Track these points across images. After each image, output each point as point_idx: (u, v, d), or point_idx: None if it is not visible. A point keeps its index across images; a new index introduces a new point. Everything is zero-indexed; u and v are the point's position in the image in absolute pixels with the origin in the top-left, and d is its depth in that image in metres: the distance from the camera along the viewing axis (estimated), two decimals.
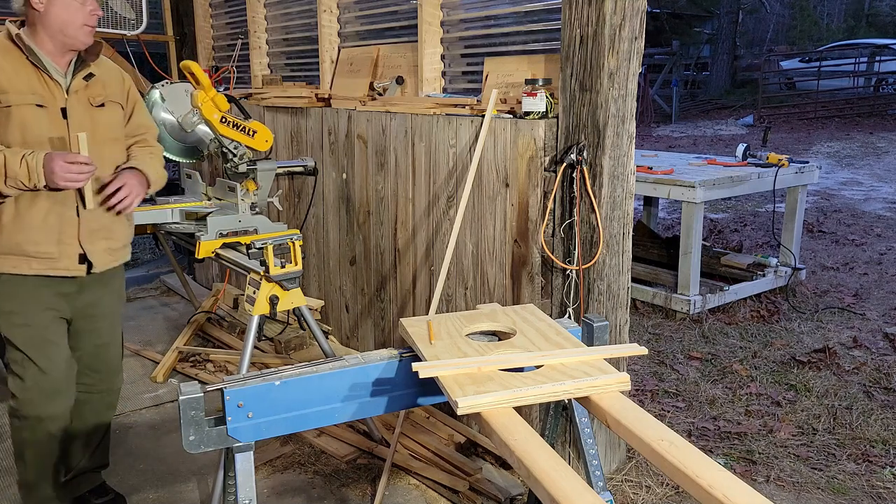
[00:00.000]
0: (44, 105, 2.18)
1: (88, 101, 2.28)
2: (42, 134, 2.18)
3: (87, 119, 2.27)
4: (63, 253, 2.25)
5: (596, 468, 1.90)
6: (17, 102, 2.13)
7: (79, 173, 2.11)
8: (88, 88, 2.29)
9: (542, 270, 2.78)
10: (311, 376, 1.66)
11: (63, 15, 2.15)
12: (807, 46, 24.20)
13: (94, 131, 2.27)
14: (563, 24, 2.57)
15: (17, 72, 2.16)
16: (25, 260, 2.22)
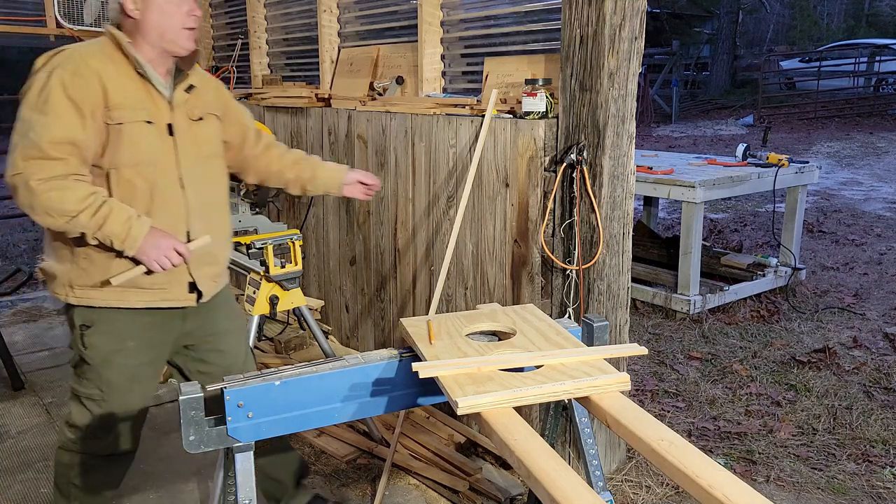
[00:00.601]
0: (152, 121, 1.99)
1: (188, 115, 2.09)
2: (153, 153, 1.99)
3: (190, 135, 2.08)
4: (173, 282, 2.07)
5: (596, 468, 1.90)
6: (130, 119, 1.94)
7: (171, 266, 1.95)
8: (188, 101, 2.09)
9: (542, 270, 2.78)
10: (311, 376, 1.66)
11: (160, 19, 1.95)
12: (807, 46, 24.20)
13: (197, 148, 2.09)
14: (563, 24, 2.57)
15: (126, 85, 1.96)
16: (134, 291, 2.03)
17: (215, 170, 2.20)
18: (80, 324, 2.07)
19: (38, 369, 4.08)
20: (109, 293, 2.01)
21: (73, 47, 1.95)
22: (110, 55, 1.97)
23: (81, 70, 1.89)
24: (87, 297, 2.03)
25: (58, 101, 1.85)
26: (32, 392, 3.78)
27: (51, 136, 1.83)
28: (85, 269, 2.00)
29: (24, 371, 3.99)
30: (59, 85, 1.86)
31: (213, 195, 2.17)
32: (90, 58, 1.92)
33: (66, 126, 1.85)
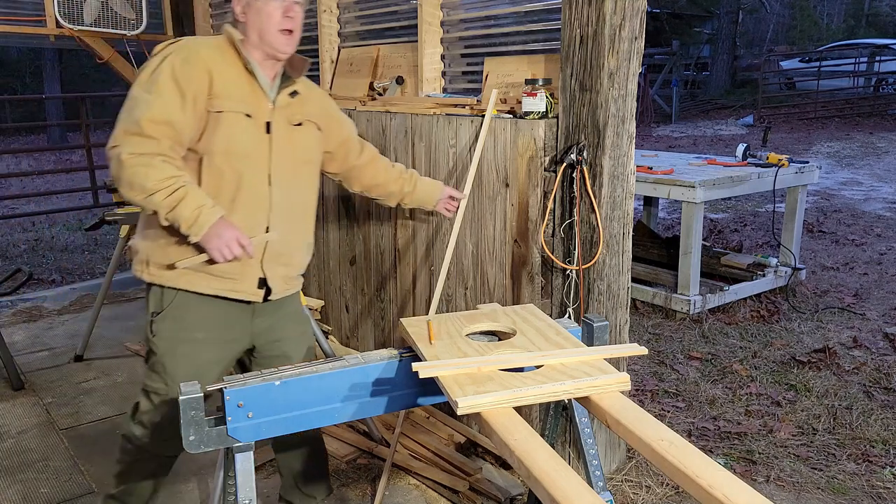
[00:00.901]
0: (252, 115, 2.04)
1: (288, 119, 2.13)
2: (247, 146, 2.03)
3: (287, 137, 2.12)
4: (244, 275, 2.08)
5: (596, 468, 1.90)
6: (230, 109, 2.00)
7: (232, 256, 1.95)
8: (290, 106, 2.15)
9: (542, 270, 2.78)
10: (311, 376, 1.66)
11: (257, 21, 2.02)
12: (807, 46, 24.20)
13: (291, 151, 2.13)
14: (563, 24, 2.57)
15: (234, 78, 2.03)
16: (204, 277, 2.05)
17: (307, 176, 2.23)
18: (151, 311, 2.10)
19: (38, 369, 4.08)
20: (180, 275, 2.04)
21: (190, 38, 2.06)
22: (223, 50, 2.05)
23: (191, 58, 1.97)
24: (160, 276, 2.06)
25: (164, 83, 1.92)
26: (32, 392, 3.78)
27: (151, 114, 1.89)
28: (163, 248, 2.04)
29: (24, 371, 3.99)
30: (169, 69, 1.94)
31: (299, 199, 2.20)
32: (202, 48, 2.01)
33: (167, 106, 1.91)
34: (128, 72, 5.01)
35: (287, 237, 2.16)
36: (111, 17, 4.77)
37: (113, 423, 3.44)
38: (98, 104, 22.34)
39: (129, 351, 4.33)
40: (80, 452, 3.17)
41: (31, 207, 9.33)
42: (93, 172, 7.50)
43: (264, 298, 2.15)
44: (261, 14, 2.02)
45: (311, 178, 2.26)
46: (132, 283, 5.68)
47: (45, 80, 19.67)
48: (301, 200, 2.21)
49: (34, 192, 9.54)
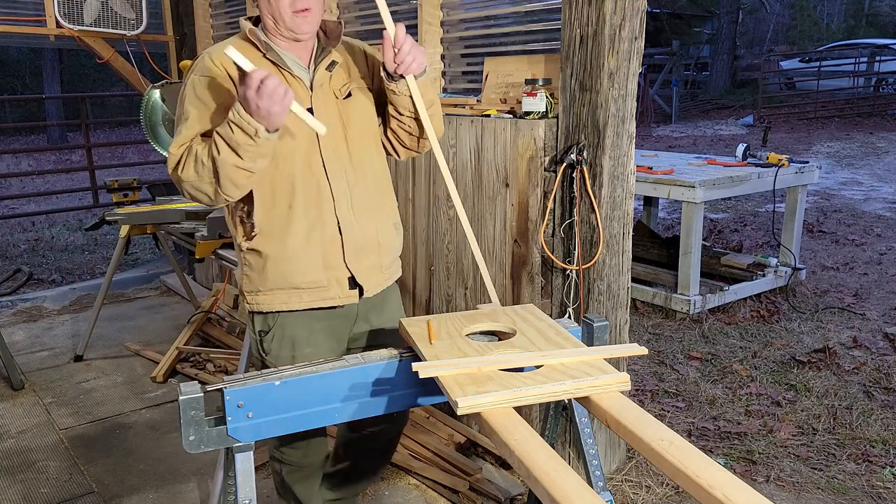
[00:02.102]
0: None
1: (334, 94, 1.96)
2: (290, 145, 1.90)
3: (335, 116, 1.95)
4: (331, 279, 1.98)
5: (596, 468, 1.90)
6: None
7: (274, 92, 1.66)
8: (333, 79, 1.97)
9: (542, 270, 2.77)
10: (311, 376, 1.66)
11: (269, 7, 1.87)
12: (807, 46, 24.19)
13: (343, 130, 1.96)
14: (563, 24, 2.57)
15: None
16: (296, 293, 1.96)
17: (369, 150, 2.04)
18: (258, 330, 2.05)
19: (38, 369, 4.09)
20: (273, 296, 1.98)
21: (212, 47, 1.94)
22: (241, 47, 1.87)
23: (210, 69, 1.87)
24: (256, 302, 2.01)
25: (190, 105, 1.86)
26: (32, 392, 3.79)
27: (182, 137, 1.84)
28: (248, 276, 2.00)
29: (24, 371, 3.99)
30: (192, 90, 1.87)
31: (367, 179, 2.02)
32: (217, 55, 1.89)
33: (194, 126, 1.85)
34: (128, 72, 5.01)
35: (364, 224, 2.00)
36: (111, 17, 4.77)
37: (113, 423, 3.44)
38: (98, 104, 22.38)
39: (129, 351, 4.33)
40: (80, 452, 3.18)
41: (31, 207, 9.33)
42: (93, 172, 7.50)
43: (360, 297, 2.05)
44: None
45: (372, 151, 2.06)
46: (132, 283, 5.69)
47: (45, 80, 19.67)
48: (369, 178, 2.02)
49: (34, 192, 9.54)
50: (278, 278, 1.96)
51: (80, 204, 9.00)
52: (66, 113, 20.03)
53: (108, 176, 9.77)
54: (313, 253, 1.95)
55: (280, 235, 1.93)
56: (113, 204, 4.20)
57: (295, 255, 1.94)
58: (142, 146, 12.48)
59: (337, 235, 1.96)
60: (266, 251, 1.94)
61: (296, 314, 2.01)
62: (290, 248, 1.93)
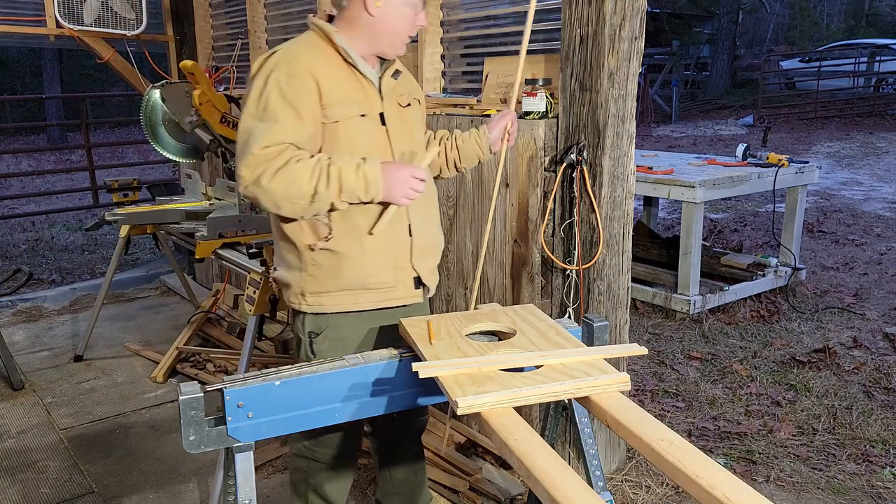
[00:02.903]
0: (365, 114, 1.93)
1: (397, 102, 2.03)
2: (368, 148, 1.93)
3: (401, 122, 2.02)
4: (399, 280, 2.02)
5: (596, 468, 1.90)
6: (344, 116, 1.89)
7: (416, 190, 1.88)
8: (396, 88, 2.04)
9: (542, 270, 2.77)
10: (311, 376, 1.66)
11: (395, 24, 1.93)
12: (807, 46, 24.18)
13: (407, 136, 2.03)
14: (563, 24, 2.57)
15: (338, 79, 1.90)
16: (364, 293, 1.99)
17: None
18: (308, 331, 2.04)
19: (38, 369, 4.09)
20: (342, 297, 1.99)
21: (285, 47, 1.92)
22: (320, 49, 1.92)
23: (295, 70, 1.85)
24: (320, 304, 2.00)
25: (276, 106, 1.83)
26: (32, 392, 3.79)
27: (268, 140, 1.80)
28: (314, 276, 1.98)
29: (24, 371, 3.99)
30: (277, 88, 1.83)
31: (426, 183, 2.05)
32: (302, 55, 1.88)
33: (284, 130, 1.82)
34: (128, 72, 5.01)
35: (427, 227, 2.07)
36: (111, 17, 4.77)
37: (113, 423, 3.44)
38: (98, 104, 22.38)
39: (129, 351, 4.33)
40: (80, 452, 3.18)
41: (31, 207, 9.33)
42: (93, 172, 7.50)
43: (423, 297, 2.10)
44: (401, 18, 1.93)
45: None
46: (132, 283, 5.69)
47: (45, 80, 19.67)
48: (427, 184, 2.05)
49: (34, 192, 9.54)
50: (352, 279, 1.97)
51: (80, 204, 9.00)
52: (66, 113, 20.03)
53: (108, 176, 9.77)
54: (385, 254, 1.98)
55: (357, 236, 1.94)
56: (113, 204, 4.20)
57: (371, 256, 1.96)
58: (142, 146, 12.48)
59: (407, 238, 2.01)
60: (343, 251, 1.94)
61: (352, 315, 2.02)
62: (367, 249, 1.95)
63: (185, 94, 3.47)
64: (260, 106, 1.84)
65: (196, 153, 3.76)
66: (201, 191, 4.00)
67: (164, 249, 4.46)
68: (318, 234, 1.94)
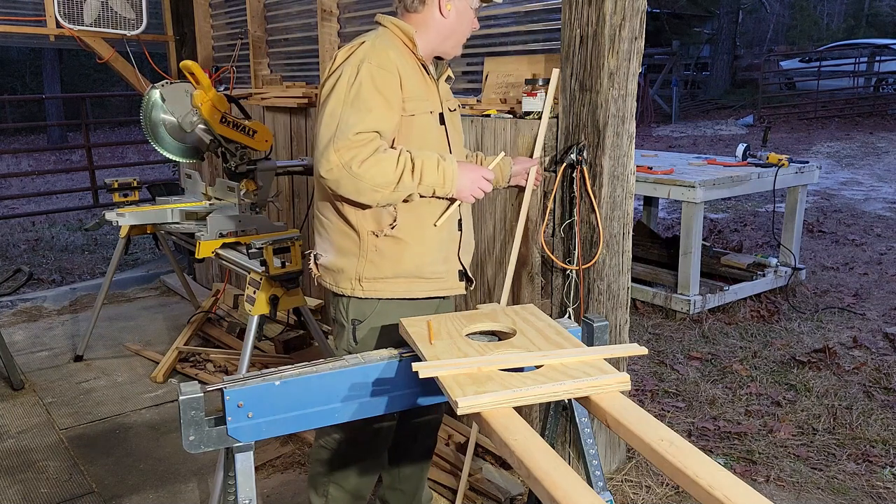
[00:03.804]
0: (433, 111, 2.06)
1: (449, 105, 2.16)
2: (434, 142, 2.05)
3: (453, 125, 2.15)
4: (448, 272, 2.13)
5: (596, 468, 1.90)
6: (420, 111, 2.01)
7: (483, 194, 2.06)
8: (447, 92, 2.19)
9: (542, 270, 2.78)
10: (311, 376, 1.66)
11: (460, 26, 2.09)
12: (807, 46, 24.19)
13: (457, 138, 2.17)
14: (563, 24, 2.57)
15: (415, 76, 2.01)
16: (418, 282, 2.08)
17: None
18: (352, 318, 2.11)
19: (38, 369, 4.09)
20: (398, 284, 2.06)
21: (371, 40, 1.97)
22: (400, 48, 2.02)
23: (385, 63, 1.93)
24: (375, 289, 2.07)
25: (368, 95, 1.89)
26: (32, 392, 3.79)
27: (361, 126, 1.87)
28: (374, 262, 2.04)
29: (24, 371, 3.99)
30: (369, 78, 1.90)
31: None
32: (390, 50, 1.96)
33: (377, 118, 1.90)
34: (128, 72, 5.01)
35: (468, 224, 2.20)
36: (111, 17, 4.77)
37: (113, 423, 3.44)
38: (98, 104, 22.37)
39: (129, 351, 4.33)
40: (80, 452, 3.18)
41: (31, 207, 9.33)
42: (93, 172, 7.50)
43: (466, 288, 2.20)
44: (463, 17, 2.06)
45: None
46: (132, 283, 5.68)
47: (45, 80, 19.68)
48: None
49: (34, 192, 9.54)
50: (410, 267, 2.05)
51: (80, 204, 9.00)
52: (66, 113, 20.03)
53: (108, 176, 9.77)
54: (440, 246, 2.09)
55: (420, 226, 2.04)
56: (113, 204, 4.20)
57: (429, 247, 2.06)
58: (142, 146, 12.49)
59: (457, 232, 2.13)
60: (406, 239, 2.03)
61: (401, 304, 2.08)
62: (428, 238, 2.06)
63: (185, 94, 3.47)
64: (352, 93, 1.89)
65: (196, 153, 3.76)
66: (201, 191, 4.00)
67: (164, 249, 4.46)
68: (381, 222, 2.01)
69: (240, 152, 3.20)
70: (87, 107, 8.56)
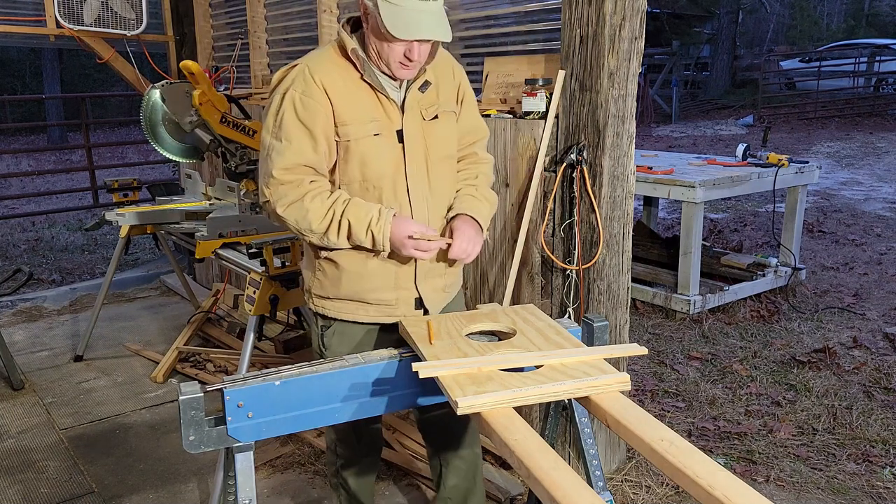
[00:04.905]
0: (380, 133, 1.88)
1: (421, 114, 1.94)
2: (381, 167, 1.90)
3: (421, 138, 1.94)
4: (400, 299, 2.00)
5: (596, 468, 1.90)
6: (357, 136, 1.86)
7: (426, 251, 1.87)
8: (423, 100, 1.95)
9: (542, 270, 2.78)
10: (311, 376, 1.66)
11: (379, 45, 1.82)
12: (807, 46, 24.19)
13: (426, 152, 1.96)
14: (563, 24, 2.57)
15: (354, 96, 1.86)
16: (363, 307, 2.00)
17: (445, 173, 2.03)
18: (321, 325, 2.10)
19: (38, 369, 4.09)
20: (341, 305, 2.02)
21: (305, 60, 1.88)
22: (337, 63, 1.88)
23: (309, 89, 1.83)
24: (322, 307, 2.05)
25: (290, 126, 1.84)
26: (32, 392, 3.79)
27: (284, 163, 1.83)
28: (320, 281, 2.02)
29: (24, 371, 3.99)
30: (291, 108, 1.84)
31: (440, 202, 2.03)
32: (317, 71, 1.85)
33: (299, 152, 1.84)
34: (128, 72, 5.01)
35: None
36: (111, 17, 4.77)
37: (113, 423, 3.44)
38: (98, 104, 22.37)
39: (129, 351, 4.33)
40: (80, 452, 3.18)
41: (31, 207, 9.33)
42: (93, 172, 7.50)
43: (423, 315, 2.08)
44: (382, 42, 1.81)
45: (450, 174, 2.06)
46: (132, 282, 5.69)
47: (45, 80, 19.66)
48: (445, 203, 2.04)
49: (34, 192, 9.53)
50: (350, 292, 1.99)
51: (80, 204, 9.00)
52: (66, 113, 20.03)
53: (108, 176, 9.77)
54: (388, 273, 1.97)
55: (361, 253, 1.93)
56: (113, 204, 4.20)
57: (371, 274, 1.96)
58: (142, 146, 12.49)
59: (412, 260, 1.97)
60: (344, 265, 1.96)
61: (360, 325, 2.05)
62: (369, 267, 1.95)
63: (185, 94, 3.47)
64: (276, 123, 1.86)
65: (196, 153, 3.76)
66: (201, 191, 4.00)
67: (164, 249, 4.46)
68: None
69: (240, 152, 3.20)
70: (87, 107, 8.56)
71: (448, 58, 2.06)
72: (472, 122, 2.12)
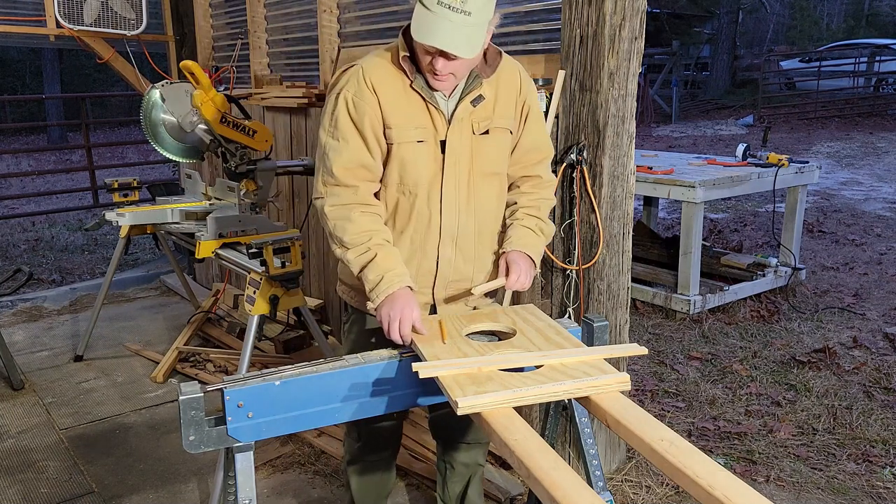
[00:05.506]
0: (423, 140, 1.88)
1: (472, 127, 1.91)
2: (418, 173, 1.89)
3: (466, 150, 1.91)
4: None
5: (596, 468, 1.90)
6: (401, 140, 1.87)
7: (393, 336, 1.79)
8: (474, 113, 1.91)
9: (542, 270, 2.77)
10: (311, 376, 1.66)
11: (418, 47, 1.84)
12: (807, 46, 24.19)
13: (470, 164, 1.93)
14: (563, 24, 2.57)
15: (402, 101, 1.86)
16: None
17: (489, 190, 1.99)
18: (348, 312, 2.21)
19: (38, 369, 4.09)
20: (361, 297, 2.03)
21: (362, 61, 1.92)
22: (391, 67, 1.89)
23: (362, 91, 1.86)
24: (343, 292, 2.17)
25: (345, 127, 1.88)
26: (32, 392, 3.79)
27: (343, 161, 1.87)
28: (345, 271, 2.08)
29: (24, 371, 3.99)
30: (345, 108, 1.88)
31: (478, 218, 1.99)
32: (371, 72, 1.87)
33: (355, 151, 1.87)
34: (128, 72, 5.01)
35: (462, 264, 2.01)
36: (111, 17, 4.77)
37: (113, 423, 3.44)
38: (98, 104, 22.37)
39: (129, 351, 4.33)
40: (80, 452, 3.18)
41: (31, 207, 9.33)
42: (93, 172, 7.50)
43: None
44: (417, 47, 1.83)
45: (497, 192, 2.02)
46: (132, 282, 5.69)
47: (45, 80, 19.67)
48: (483, 219, 2.00)
49: (34, 192, 9.54)
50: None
51: (80, 204, 9.00)
52: (66, 113, 20.03)
53: (108, 176, 9.77)
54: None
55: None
56: (113, 204, 4.20)
57: None
58: (142, 146, 12.49)
59: (433, 269, 2.00)
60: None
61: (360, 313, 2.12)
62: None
63: (185, 94, 3.47)
64: (332, 123, 1.91)
65: (196, 153, 3.76)
66: (201, 191, 4.00)
67: (164, 249, 4.46)
68: None
69: (240, 152, 3.20)
70: (87, 107, 8.56)
71: (515, 72, 2.00)
72: (537, 139, 2.05)
